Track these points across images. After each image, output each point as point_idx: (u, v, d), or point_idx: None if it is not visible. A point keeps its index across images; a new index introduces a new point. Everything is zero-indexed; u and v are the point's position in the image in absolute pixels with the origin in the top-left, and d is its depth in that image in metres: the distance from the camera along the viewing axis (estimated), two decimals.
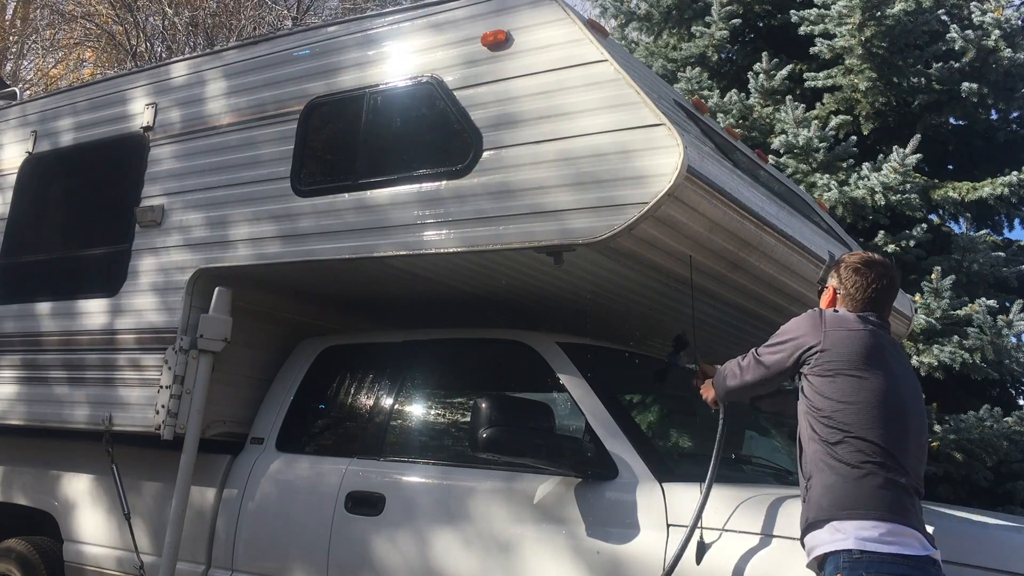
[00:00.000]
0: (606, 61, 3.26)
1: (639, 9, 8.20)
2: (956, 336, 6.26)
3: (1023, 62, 6.88)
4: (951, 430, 6.11)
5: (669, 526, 3.02)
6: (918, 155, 6.53)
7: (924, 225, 6.68)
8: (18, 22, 19.11)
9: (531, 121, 3.35)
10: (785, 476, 3.89)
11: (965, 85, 6.82)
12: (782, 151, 6.85)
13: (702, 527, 2.93)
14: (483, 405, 3.20)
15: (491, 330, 4.06)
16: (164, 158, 4.43)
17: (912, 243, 6.59)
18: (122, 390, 4.21)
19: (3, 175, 5.19)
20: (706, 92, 7.31)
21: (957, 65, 6.94)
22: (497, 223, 3.34)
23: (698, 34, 7.70)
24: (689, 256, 3.40)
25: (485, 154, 3.43)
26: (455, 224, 3.44)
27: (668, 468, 3.26)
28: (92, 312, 4.45)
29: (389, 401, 3.99)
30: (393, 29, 3.87)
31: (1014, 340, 6.31)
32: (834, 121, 6.88)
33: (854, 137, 6.89)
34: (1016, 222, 7.57)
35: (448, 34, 3.67)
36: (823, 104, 7.26)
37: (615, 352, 4.09)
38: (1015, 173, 6.72)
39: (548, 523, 3.23)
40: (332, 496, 3.73)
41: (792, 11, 7.37)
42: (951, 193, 6.86)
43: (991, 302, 6.27)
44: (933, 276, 6.24)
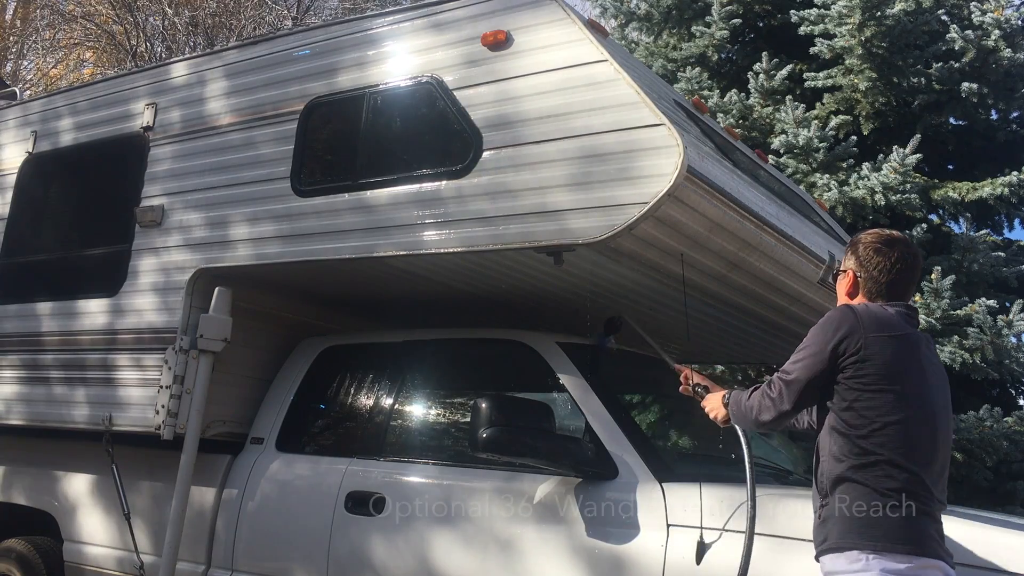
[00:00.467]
0: (606, 61, 3.26)
1: (639, 9, 8.20)
2: (956, 336, 6.26)
3: (1023, 62, 6.87)
4: None
5: (669, 526, 3.02)
6: (918, 155, 6.52)
7: (924, 225, 6.68)
8: (18, 22, 19.11)
9: (531, 121, 3.35)
10: (785, 476, 3.89)
11: (965, 85, 6.82)
12: (782, 151, 6.85)
13: (702, 527, 2.93)
14: (483, 405, 3.20)
15: (491, 330, 4.06)
16: (164, 158, 4.43)
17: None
18: (122, 390, 4.21)
19: (3, 175, 5.19)
20: (706, 92, 7.31)
21: (957, 65, 6.94)
22: (497, 223, 3.34)
23: (698, 34, 7.70)
24: (680, 254, 3.38)
25: (485, 154, 3.43)
26: (455, 224, 3.44)
27: (668, 468, 3.26)
28: (92, 312, 4.45)
29: (389, 401, 3.99)
30: (393, 29, 3.87)
31: (1014, 340, 6.30)
32: (834, 121, 6.88)
33: (854, 137, 6.89)
34: (1016, 222, 7.56)
35: (448, 34, 3.67)
36: (823, 104, 7.26)
37: (615, 352, 4.09)
38: (1015, 173, 6.71)
39: (548, 523, 3.23)
40: (332, 496, 3.73)
41: (792, 11, 7.36)
42: (951, 193, 6.86)
43: (991, 302, 6.26)
44: (933, 276, 6.24)
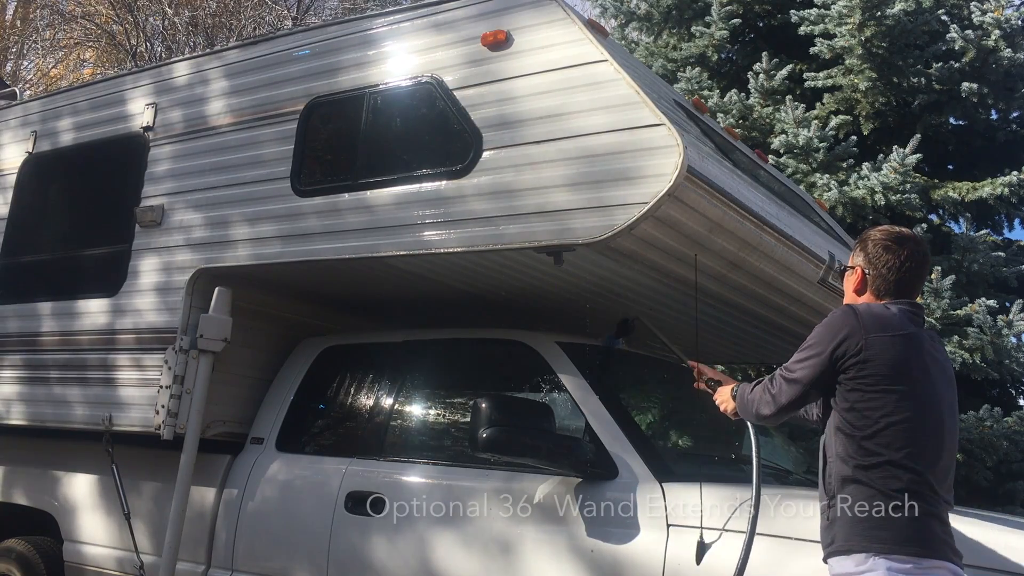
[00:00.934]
0: (606, 61, 3.26)
1: (639, 9, 8.20)
2: (956, 336, 6.26)
3: (1023, 62, 6.87)
4: None
5: (669, 526, 3.02)
6: (918, 155, 6.53)
7: (924, 225, 6.68)
8: (18, 22, 19.12)
9: (531, 121, 3.35)
10: (785, 476, 3.89)
11: (965, 85, 6.82)
12: (782, 151, 6.85)
13: (702, 527, 2.93)
14: (483, 405, 3.20)
15: (491, 330, 4.06)
16: (164, 158, 4.43)
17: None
18: (122, 390, 4.21)
19: (3, 175, 5.19)
20: (706, 92, 7.31)
21: (957, 65, 6.94)
22: (497, 223, 3.34)
23: (698, 34, 7.70)
24: (694, 256, 3.38)
25: (485, 154, 3.43)
26: (455, 224, 3.44)
27: (668, 468, 3.26)
28: (92, 312, 4.45)
29: (389, 401, 3.99)
30: (393, 29, 3.87)
31: (1014, 340, 6.30)
32: (834, 121, 6.88)
33: (854, 137, 6.89)
34: (1016, 222, 7.56)
35: (448, 34, 3.67)
36: (823, 104, 7.26)
37: (615, 352, 4.09)
38: (1015, 173, 6.72)
39: (548, 523, 3.23)
40: (332, 496, 3.73)
41: (792, 11, 7.36)
42: (951, 193, 6.86)
43: (991, 302, 6.27)
44: (933, 276, 6.24)
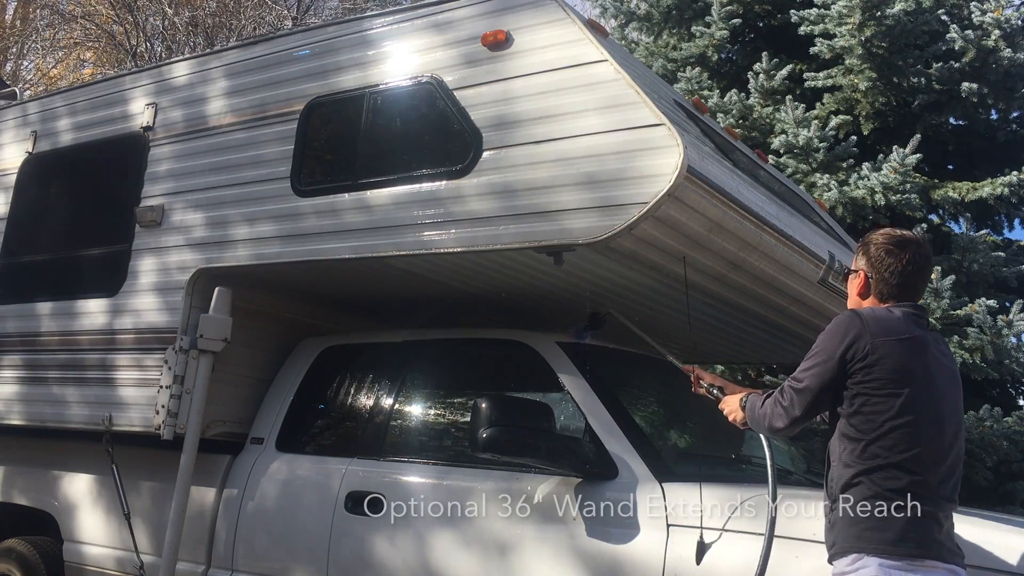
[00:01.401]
0: (606, 61, 3.26)
1: (639, 9, 8.19)
2: (956, 336, 6.26)
3: (1023, 62, 6.87)
4: None
5: (669, 526, 3.02)
6: (918, 155, 6.52)
7: (924, 225, 6.68)
8: (18, 22, 19.12)
9: (531, 121, 3.35)
10: (785, 476, 3.89)
11: (965, 85, 6.82)
12: (782, 151, 6.84)
13: (702, 527, 2.93)
14: (483, 405, 3.20)
15: (491, 330, 4.06)
16: (164, 158, 4.43)
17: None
18: (122, 390, 4.21)
19: (3, 175, 5.19)
20: (706, 92, 7.31)
21: (957, 65, 6.93)
22: (497, 223, 3.34)
23: (698, 34, 7.70)
24: (683, 256, 3.38)
25: (485, 154, 3.43)
26: (455, 224, 3.44)
27: (668, 468, 3.26)
28: (92, 312, 4.45)
29: (389, 401, 3.99)
30: (393, 29, 3.87)
31: (1014, 340, 6.30)
32: (834, 121, 6.87)
33: (854, 137, 6.89)
34: (1016, 222, 7.56)
35: (448, 34, 3.67)
36: (823, 104, 7.26)
37: (615, 352, 4.09)
38: (1015, 173, 6.71)
39: (548, 523, 3.23)
40: (332, 496, 3.73)
41: (792, 11, 7.36)
42: (951, 193, 6.86)
43: (991, 302, 6.26)
44: (933, 276, 6.23)
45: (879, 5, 6.72)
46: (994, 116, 7.43)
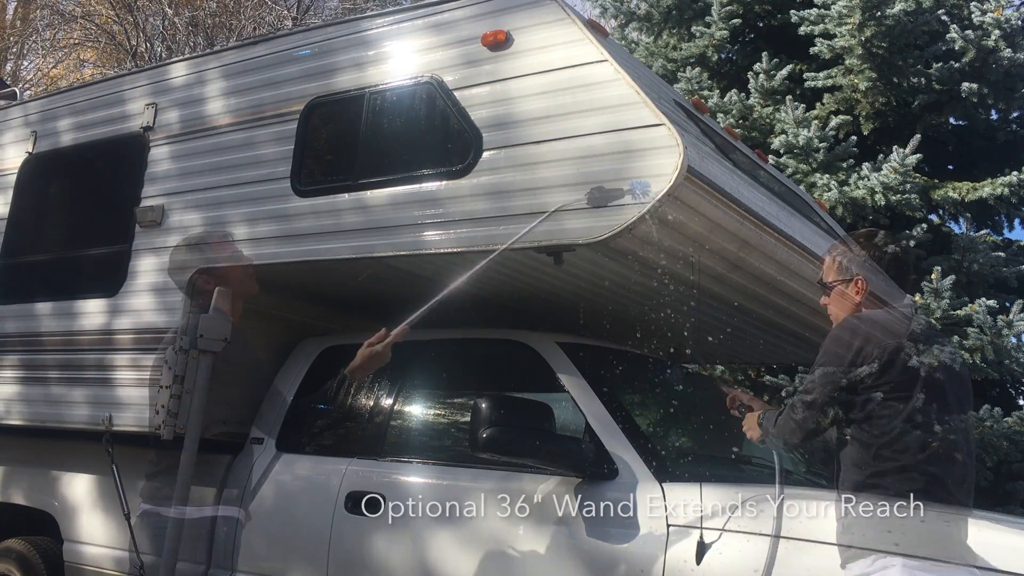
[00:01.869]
0: (606, 61, 3.25)
1: (639, 9, 8.19)
2: (956, 336, 6.25)
3: (1023, 62, 6.87)
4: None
5: (669, 526, 3.02)
6: (918, 155, 6.52)
7: (924, 225, 6.67)
8: (18, 22, 19.12)
9: (531, 121, 3.35)
10: (786, 476, 3.88)
11: (965, 85, 6.81)
12: (782, 151, 6.84)
13: (702, 527, 2.93)
14: (483, 405, 3.20)
15: (491, 330, 4.05)
16: (164, 158, 4.43)
17: (912, 243, 6.58)
18: (122, 390, 4.20)
19: (3, 175, 5.18)
20: (706, 92, 7.30)
21: (957, 65, 6.93)
22: (497, 223, 3.34)
23: (698, 34, 7.70)
24: (693, 258, 3.39)
25: (485, 154, 3.42)
26: (455, 224, 3.44)
27: (668, 468, 3.26)
28: (92, 312, 4.44)
29: (389, 401, 3.99)
30: (393, 29, 3.87)
31: (1014, 340, 6.29)
32: (834, 121, 6.87)
33: (854, 137, 6.89)
34: (1016, 222, 7.55)
35: (448, 34, 3.67)
36: (823, 104, 7.25)
37: (615, 352, 4.09)
38: (1015, 173, 6.71)
39: (548, 523, 3.23)
40: (332, 496, 3.72)
41: (792, 11, 7.36)
42: (951, 193, 6.86)
43: (991, 302, 6.26)
44: (933, 276, 6.23)
45: (879, 5, 6.72)
46: (994, 116, 7.43)
